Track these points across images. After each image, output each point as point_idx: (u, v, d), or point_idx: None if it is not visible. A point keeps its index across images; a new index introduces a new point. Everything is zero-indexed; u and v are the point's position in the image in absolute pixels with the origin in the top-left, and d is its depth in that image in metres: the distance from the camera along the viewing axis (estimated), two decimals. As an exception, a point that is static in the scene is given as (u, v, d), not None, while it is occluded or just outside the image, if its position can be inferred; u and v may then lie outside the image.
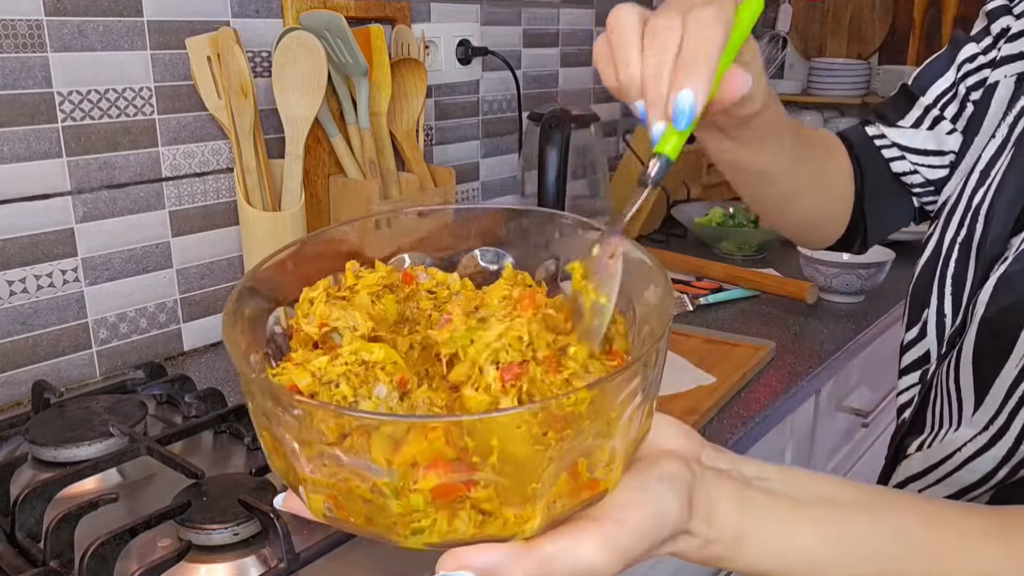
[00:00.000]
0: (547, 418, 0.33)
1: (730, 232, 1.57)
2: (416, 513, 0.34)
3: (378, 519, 0.35)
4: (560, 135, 1.41)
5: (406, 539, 0.35)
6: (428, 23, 1.40)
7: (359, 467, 0.33)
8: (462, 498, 0.34)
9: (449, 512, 0.34)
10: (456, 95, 1.51)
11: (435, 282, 0.44)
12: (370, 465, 0.33)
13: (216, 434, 0.89)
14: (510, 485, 0.33)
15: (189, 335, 1.14)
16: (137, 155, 1.04)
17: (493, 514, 0.34)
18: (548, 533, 0.36)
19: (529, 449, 0.33)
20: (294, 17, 1.15)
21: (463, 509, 0.34)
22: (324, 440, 0.33)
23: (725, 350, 1.11)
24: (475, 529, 0.34)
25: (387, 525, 0.35)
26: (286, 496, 0.39)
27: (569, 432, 0.33)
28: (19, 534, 0.68)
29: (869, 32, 2.42)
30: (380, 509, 0.34)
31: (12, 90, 0.92)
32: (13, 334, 0.96)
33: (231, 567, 0.66)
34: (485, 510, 0.34)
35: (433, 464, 0.33)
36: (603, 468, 0.36)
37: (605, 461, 0.36)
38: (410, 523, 0.34)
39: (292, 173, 1.12)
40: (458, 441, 0.32)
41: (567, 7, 1.72)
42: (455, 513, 0.34)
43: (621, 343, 0.43)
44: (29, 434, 0.82)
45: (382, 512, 0.34)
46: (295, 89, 1.09)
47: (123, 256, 1.05)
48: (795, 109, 2.38)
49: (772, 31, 2.31)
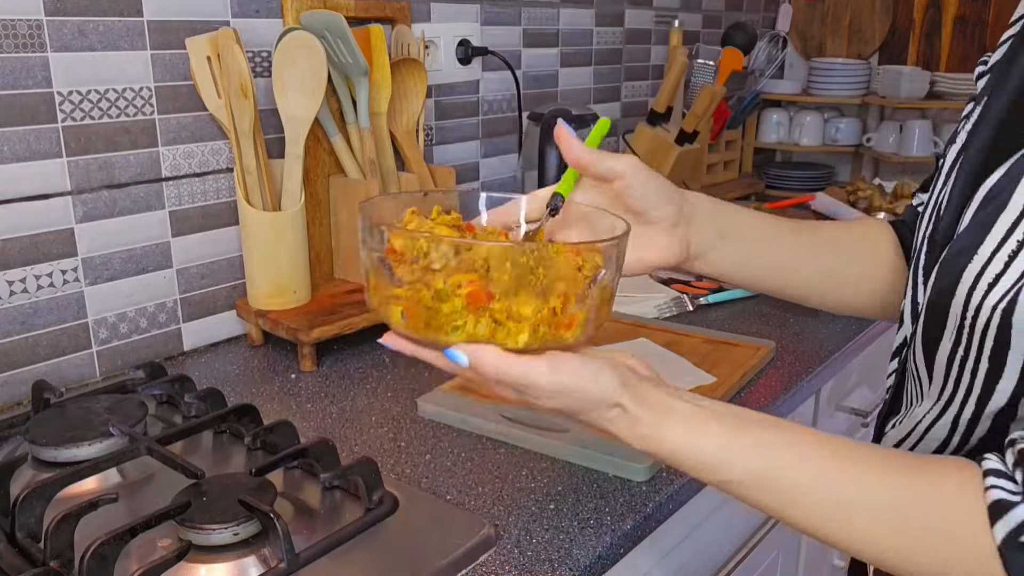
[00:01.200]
0: (536, 259, 0.54)
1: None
2: (455, 314, 0.54)
3: (432, 321, 0.54)
4: (560, 135, 1.41)
5: (448, 335, 0.54)
6: (428, 23, 1.40)
7: (428, 279, 0.53)
8: (484, 308, 0.53)
9: (475, 318, 0.54)
10: (456, 95, 1.51)
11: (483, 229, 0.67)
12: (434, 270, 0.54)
13: (216, 434, 0.89)
14: (512, 305, 0.53)
15: (189, 335, 1.14)
16: (137, 155, 1.04)
17: (501, 324, 0.54)
18: (523, 354, 0.55)
19: (523, 277, 0.53)
20: (294, 17, 1.15)
21: (484, 317, 0.54)
22: (413, 257, 0.54)
23: (725, 350, 1.11)
24: (488, 334, 0.54)
25: (438, 325, 0.54)
26: (385, 336, 0.59)
27: (543, 271, 0.54)
28: (19, 534, 0.68)
29: (869, 32, 2.42)
30: (434, 312, 0.54)
31: (12, 90, 0.92)
32: (13, 334, 0.96)
33: (231, 567, 0.66)
34: (497, 319, 0.54)
35: (470, 283, 0.53)
36: (573, 310, 0.55)
37: (574, 305, 0.55)
38: (452, 322, 0.54)
39: (292, 173, 1.12)
40: (481, 265, 0.53)
41: (567, 7, 1.72)
42: (479, 319, 0.54)
43: None
44: (29, 434, 0.82)
45: (435, 315, 0.54)
46: (295, 89, 1.09)
47: (123, 256, 1.05)
48: (795, 109, 2.38)
49: (772, 31, 2.31)
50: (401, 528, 0.72)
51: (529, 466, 0.84)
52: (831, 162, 2.45)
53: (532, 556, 0.70)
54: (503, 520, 0.75)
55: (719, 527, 1.00)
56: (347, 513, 0.74)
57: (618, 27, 1.89)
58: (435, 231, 0.60)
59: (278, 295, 1.12)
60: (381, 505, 0.74)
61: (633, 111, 2.01)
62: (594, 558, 0.71)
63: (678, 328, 1.20)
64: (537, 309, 0.54)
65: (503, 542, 0.72)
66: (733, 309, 1.32)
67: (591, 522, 0.75)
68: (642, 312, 1.26)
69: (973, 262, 0.55)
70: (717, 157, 2.07)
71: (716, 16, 2.23)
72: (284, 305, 1.13)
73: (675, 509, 0.82)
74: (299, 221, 1.12)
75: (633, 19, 1.93)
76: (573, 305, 0.56)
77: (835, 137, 2.32)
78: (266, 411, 0.95)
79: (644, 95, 2.04)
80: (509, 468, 0.84)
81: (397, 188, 1.25)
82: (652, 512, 0.78)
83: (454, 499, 0.78)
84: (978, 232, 0.55)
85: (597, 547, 0.72)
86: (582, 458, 0.84)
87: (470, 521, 0.73)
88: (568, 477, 0.82)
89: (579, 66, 1.80)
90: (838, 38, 2.47)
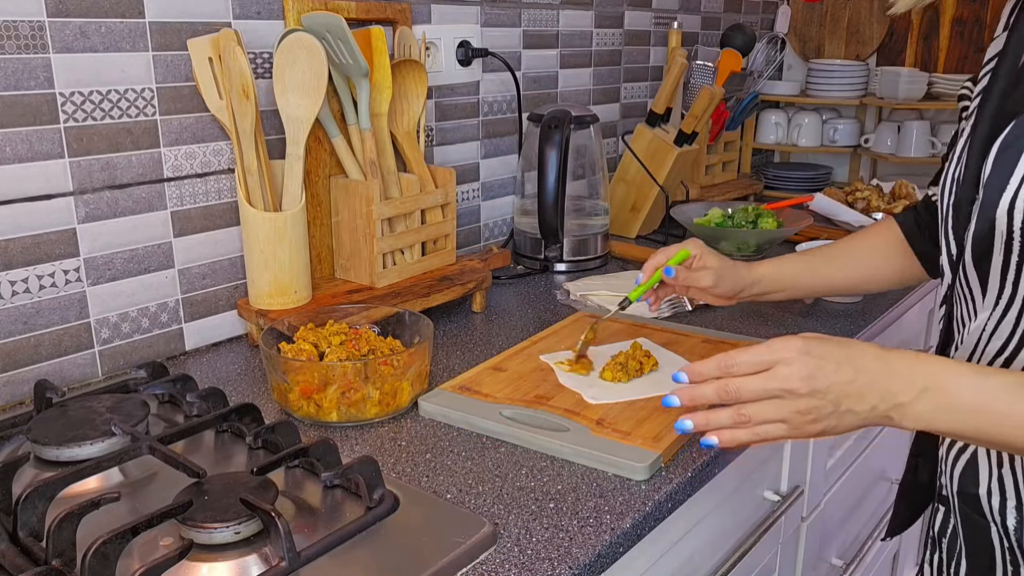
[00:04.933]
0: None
1: (729, 232, 1.57)
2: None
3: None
4: (560, 136, 1.41)
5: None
6: (429, 24, 1.41)
7: None
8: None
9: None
10: (456, 96, 1.51)
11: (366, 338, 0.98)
12: None
13: (218, 433, 0.89)
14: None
15: (191, 335, 1.14)
16: (139, 156, 1.05)
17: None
18: None
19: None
20: (295, 18, 1.16)
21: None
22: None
23: (724, 349, 1.11)
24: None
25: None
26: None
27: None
28: (21, 533, 0.68)
29: (867, 33, 2.43)
30: None
31: (14, 91, 0.92)
32: (15, 334, 0.97)
33: (233, 566, 0.66)
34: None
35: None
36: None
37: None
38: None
39: (293, 174, 1.12)
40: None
41: (567, 9, 1.73)
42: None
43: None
44: (31, 433, 0.83)
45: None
46: (296, 90, 1.10)
47: (125, 256, 1.05)
48: (794, 110, 2.39)
49: (771, 32, 2.31)
50: (402, 527, 0.73)
51: (529, 465, 0.85)
52: (829, 163, 2.45)
53: (532, 555, 0.71)
54: (503, 519, 0.75)
55: (718, 526, 1.00)
56: (348, 512, 0.75)
57: (617, 29, 1.90)
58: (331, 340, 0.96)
59: (279, 295, 1.13)
60: (382, 504, 0.74)
61: (632, 112, 2.01)
62: (593, 557, 0.71)
63: (677, 328, 1.20)
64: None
65: (503, 541, 0.72)
66: (732, 309, 1.32)
67: (591, 521, 0.75)
68: (642, 312, 1.26)
69: (1007, 190, 0.66)
70: (716, 158, 2.08)
71: (715, 18, 2.24)
72: (285, 305, 1.13)
73: (674, 508, 0.82)
74: (300, 221, 1.12)
75: (632, 21, 1.94)
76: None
77: (833, 138, 2.32)
78: (267, 410, 0.95)
79: (643, 96, 2.04)
80: (509, 467, 0.84)
81: (398, 188, 1.26)
82: (651, 511, 0.78)
83: (454, 498, 0.79)
84: (1004, 170, 0.67)
85: (596, 546, 0.72)
86: (582, 457, 0.85)
87: (470, 520, 0.74)
88: (568, 476, 0.83)
89: (579, 67, 1.81)
90: (836, 39, 2.47)
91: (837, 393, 0.64)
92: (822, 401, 0.64)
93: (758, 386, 0.66)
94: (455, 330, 1.24)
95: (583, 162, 1.60)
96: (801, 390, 0.64)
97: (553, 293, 1.42)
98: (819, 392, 0.64)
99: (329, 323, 1.01)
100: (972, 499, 0.77)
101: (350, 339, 0.97)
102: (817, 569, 1.36)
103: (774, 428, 0.67)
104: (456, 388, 0.99)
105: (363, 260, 1.23)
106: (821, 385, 0.64)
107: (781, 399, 0.65)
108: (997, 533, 0.75)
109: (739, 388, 0.66)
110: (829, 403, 0.64)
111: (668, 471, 0.83)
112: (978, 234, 0.70)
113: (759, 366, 0.66)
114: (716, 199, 1.94)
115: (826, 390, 0.64)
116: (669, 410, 0.85)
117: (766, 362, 0.66)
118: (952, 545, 0.82)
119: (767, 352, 0.66)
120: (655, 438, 0.86)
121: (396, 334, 1.03)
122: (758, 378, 0.66)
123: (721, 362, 0.67)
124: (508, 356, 1.10)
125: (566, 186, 1.45)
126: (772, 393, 0.65)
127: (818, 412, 0.65)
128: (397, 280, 1.26)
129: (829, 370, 0.64)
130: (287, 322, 1.02)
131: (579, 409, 0.93)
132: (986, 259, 0.71)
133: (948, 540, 0.82)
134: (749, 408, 0.67)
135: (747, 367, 0.66)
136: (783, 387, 0.65)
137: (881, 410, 0.65)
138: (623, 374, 1.00)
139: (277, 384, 0.94)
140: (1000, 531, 0.75)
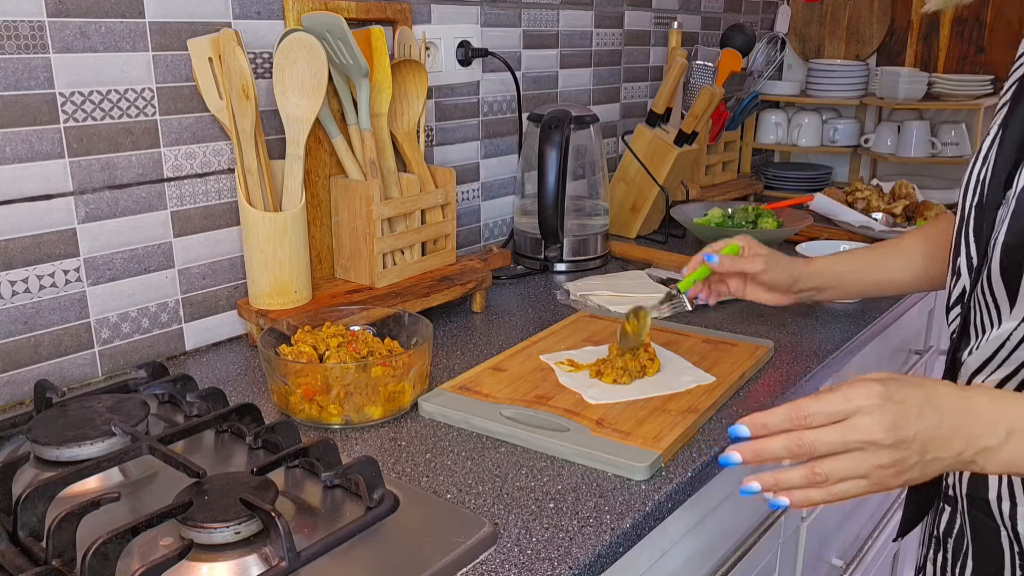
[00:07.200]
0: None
1: (729, 232, 1.57)
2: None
3: None
4: (560, 136, 1.41)
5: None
6: (429, 24, 1.41)
7: None
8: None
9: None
10: (456, 96, 1.51)
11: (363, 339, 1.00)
12: None
13: (218, 433, 0.89)
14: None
15: (191, 335, 1.14)
16: (139, 156, 1.05)
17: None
18: None
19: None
20: (295, 19, 1.16)
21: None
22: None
23: (724, 349, 1.11)
24: None
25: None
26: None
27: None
28: (21, 533, 0.68)
29: (867, 33, 2.43)
30: None
31: (14, 91, 0.92)
32: (15, 334, 0.97)
33: (233, 566, 0.66)
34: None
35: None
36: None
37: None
38: None
39: (293, 174, 1.12)
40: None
41: (567, 9, 1.73)
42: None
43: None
44: (31, 433, 0.83)
45: None
46: (296, 90, 1.10)
47: (125, 256, 1.05)
48: (794, 110, 2.39)
49: (770, 32, 2.31)
50: (402, 527, 0.73)
51: (529, 465, 0.85)
52: (829, 163, 2.45)
53: (532, 555, 0.71)
54: (503, 519, 0.75)
55: (718, 526, 1.00)
56: (348, 512, 0.75)
57: (617, 29, 1.90)
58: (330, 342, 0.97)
59: (279, 295, 1.13)
60: (382, 504, 0.74)
61: (632, 112, 2.01)
62: (593, 557, 0.71)
63: (677, 328, 1.20)
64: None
65: (503, 541, 0.72)
66: (731, 309, 1.32)
67: (591, 521, 0.75)
68: (677, 308, 1.27)
69: None
70: (716, 158, 2.08)
71: (715, 18, 2.24)
72: (285, 305, 1.13)
73: (674, 508, 0.82)
74: (300, 221, 1.12)
75: (632, 21, 1.94)
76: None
77: (833, 138, 2.32)
78: (267, 410, 0.95)
79: (643, 96, 2.04)
80: (509, 467, 0.84)
81: (398, 188, 1.26)
82: (651, 511, 0.78)
83: (454, 498, 0.79)
84: None
85: (597, 546, 0.72)
86: (582, 457, 0.85)
87: (470, 520, 0.74)
88: (568, 476, 0.83)
89: (579, 67, 1.81)
90: (836, 39, 2.47)
91: (923, 441, 0.59)
92: (907, 452, 0.58)
93: (836, 439, 0.59)
94: (455, 330, 1.24)
95: (583, 162, 1.60)
96: (885, 441, 0.58)
97: (553, 293, 1.42)
98: (904, 442, 0.58)
99: (326, 325, 1.02)
100: (982, 503, 0.77)
101: (348, 341, 0.97)
102: (817, 569, 1.36)
103: (853, 486, 0.60)
104: (456, 388, 0.99)
105: (363, 260, 1.23)
106: (907, 434, 0.58)
107: (862, 451, 0.59)
108: (1007, 536, 0.75)
109: (814, 442, 0.59)
110: (915, 452, 0.59)
111: (668, 471, 0.83)
112: (1010, 245, 0.68)
113: (835, 416, 0.59)
114: (716, 199, 1.94)
115: (912, 439, 0.58)
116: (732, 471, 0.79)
117: (843, 412, 0.59)
118: (959, 545, 0.81)
119: (843, 401, 0.59)
120: (655, 438, 0.86)
121: (394, 335, 1.03)
122: (834, 430, 0.59)
123: (791, 413, 0.60)
124: (508, 356, 1.10)
125: (566, 186, 1.45)
126: (852, 446, 0.59)
127: (903, 464, 0.59)
128: (397, 280, 1.26)
129: (913, 416, 0.58)
130: (287, 322, 1.02)
131: (579, 409, 0.94)
132: (1016, 270, 0.68)
133: (954, 540, 0.82)
134: (825, 465, 0.59)
135: (822, 418, 0.59)
136: (865, 439, 0.58)
137: (967, 456, 0.60)
138: (625, 376, 1.00)
139: (277, 387, 0.93)
140: (1011, 535, 0.74)
